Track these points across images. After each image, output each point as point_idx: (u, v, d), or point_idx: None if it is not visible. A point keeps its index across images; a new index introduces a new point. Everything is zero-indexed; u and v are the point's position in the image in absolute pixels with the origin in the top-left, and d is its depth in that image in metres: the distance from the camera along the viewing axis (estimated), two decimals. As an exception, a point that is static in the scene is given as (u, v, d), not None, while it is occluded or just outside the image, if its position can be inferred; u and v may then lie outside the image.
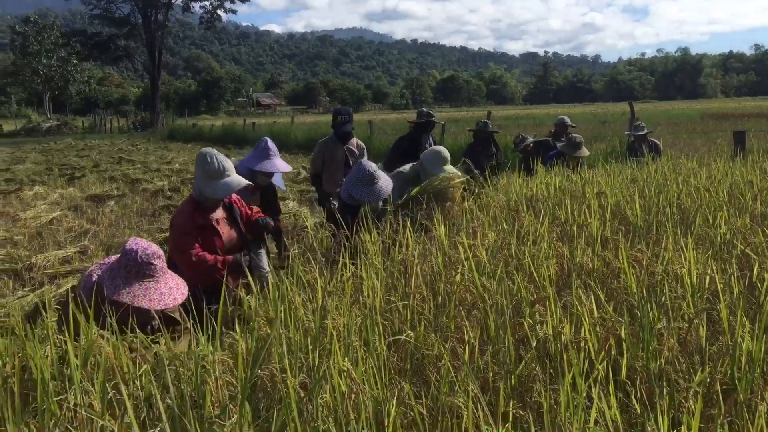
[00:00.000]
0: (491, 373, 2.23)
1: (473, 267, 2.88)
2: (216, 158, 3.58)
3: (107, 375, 1.97)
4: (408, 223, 3.91)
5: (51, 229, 8.85)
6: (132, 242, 2.72)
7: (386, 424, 1.81)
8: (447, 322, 2.62)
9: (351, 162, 6.14)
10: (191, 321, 2.86)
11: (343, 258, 3.30)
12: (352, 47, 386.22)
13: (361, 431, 1.79)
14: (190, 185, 13.01)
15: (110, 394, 1.95)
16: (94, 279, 2.71)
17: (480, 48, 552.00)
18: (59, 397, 1.84)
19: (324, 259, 3.90)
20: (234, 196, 3.91)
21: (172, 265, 3.45)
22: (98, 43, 49.01)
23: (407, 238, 3.73)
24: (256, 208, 4.12)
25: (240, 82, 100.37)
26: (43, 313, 4.12)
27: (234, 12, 51.39)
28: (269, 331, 2.42)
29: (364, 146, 6.46)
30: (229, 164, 3.63)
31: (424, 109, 7.23)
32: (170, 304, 2.68)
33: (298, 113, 61.73)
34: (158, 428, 1.78)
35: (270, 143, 4.68)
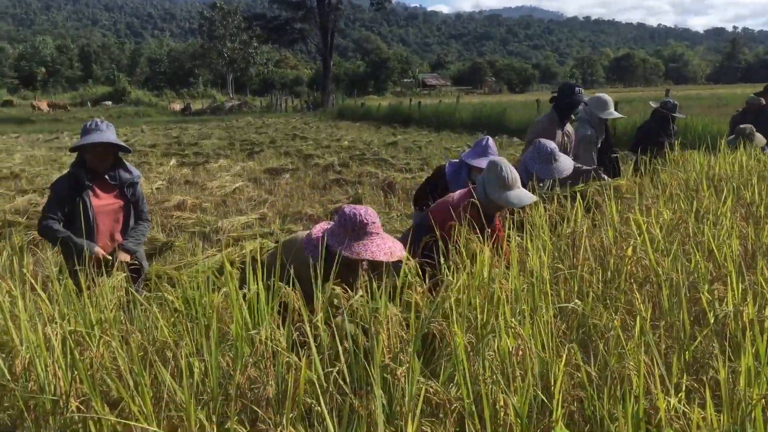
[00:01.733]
0: (663, 347, 2.17)
1: (647, 241, 2.79)
2: (508, 169, 3.61)
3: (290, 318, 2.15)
4: (578, 197, 3.85)
5: (234, 197, 9.58)
6: (348, 208, 2.98)
7: (552, 383, 1.83)
8: (617, 295, 2.57)
9: (568, 148, 5.69)
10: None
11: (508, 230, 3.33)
12: (520, 26, 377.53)
13: (527, 388, 1.83)
14: (359, 161, 13.50)
15: (294, 336, 2.14)
16: (314, 242, 3.04)
17: (659, 24, 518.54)
18: (252, 332, 2.04)
19: (489, 231, 3.94)
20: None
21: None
22: (276, 27, 51.70)
23: (575, 213, 3.67)
24: None
25: (407, 62, 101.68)
26: (229, 268, 4.53)
27: (404, -7, 52.04)
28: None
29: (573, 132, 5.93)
30: (518, 176, 3.66)
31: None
32: (398, 256, 2.93)
33: (462, 93, 61.62)
34: (336, 368, 1.92)
35: (491, 142, 4.68)
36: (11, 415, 2.03)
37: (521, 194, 3.65)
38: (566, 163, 4.72)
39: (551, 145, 4.68)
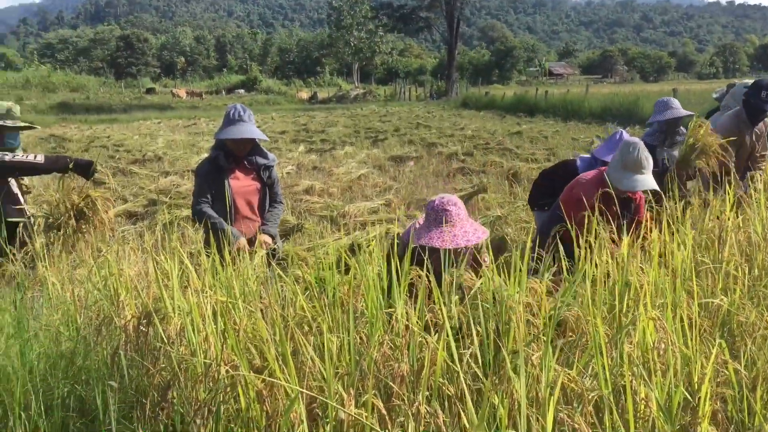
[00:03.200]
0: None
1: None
2: (637, 152, 3.47)
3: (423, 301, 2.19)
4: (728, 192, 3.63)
5: (359, 183, 9.79)
6: (435, 197, 3.06)
7: (695, 379, 1.76)
8: (767, 293, 2.42)
9: (758, 148, 5.19)
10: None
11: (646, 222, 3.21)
12: (656, 12, 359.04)
13: (667, 384, 1.77)
14: (483, 150, 13.40)
15: (427, 317, 2.17)
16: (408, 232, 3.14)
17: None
18: (389, 310, 2.10)
19: (624, 223, 3.81)
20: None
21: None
22: (402, 16, 52.13)
23: (716, 206, 3.48)
24: None
25: (533, 51, 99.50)
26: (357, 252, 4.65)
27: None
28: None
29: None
30: (649, 162, 3.48)
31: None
32: (461, 244, 2.91)
33: (591, 82, 59.45)
34: (470, 351, 1.94)
35: (626, 135, 4.38)
36: (164, 376, 2.20)
37: (638, 179, 3.46)
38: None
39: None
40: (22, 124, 4.34)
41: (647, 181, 3.50)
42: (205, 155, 4.15)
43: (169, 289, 2.40)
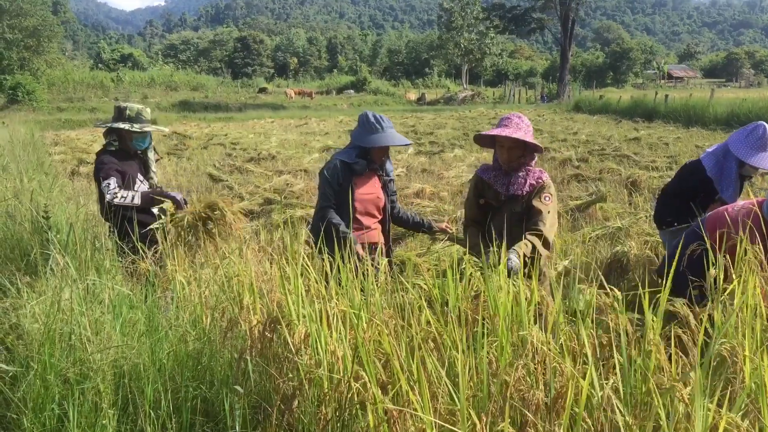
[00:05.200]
0: None
1: None
2: None
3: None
4: None
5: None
6: None
7: None
8: None
9: None
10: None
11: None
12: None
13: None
14: (599, 156, 12.91)
15: (561, 341, 2.05)
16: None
17: None
18: (523, 333, 1.99)
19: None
20: None
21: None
22: (515, 17, 51.35)
23: None
24: None
25: (651, 53, 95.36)
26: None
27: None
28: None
29: None
30: None
31: None
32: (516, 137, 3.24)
33: (715, 86, 56.22)
34: (611, 382, 1.81)
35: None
36: (289, 385, 2.18)
37: None
38: None
39: None
40: (148, 129, 4.47)
41: None
42: (317, 155, 4.16)
43: (293, 295, 2.39)
